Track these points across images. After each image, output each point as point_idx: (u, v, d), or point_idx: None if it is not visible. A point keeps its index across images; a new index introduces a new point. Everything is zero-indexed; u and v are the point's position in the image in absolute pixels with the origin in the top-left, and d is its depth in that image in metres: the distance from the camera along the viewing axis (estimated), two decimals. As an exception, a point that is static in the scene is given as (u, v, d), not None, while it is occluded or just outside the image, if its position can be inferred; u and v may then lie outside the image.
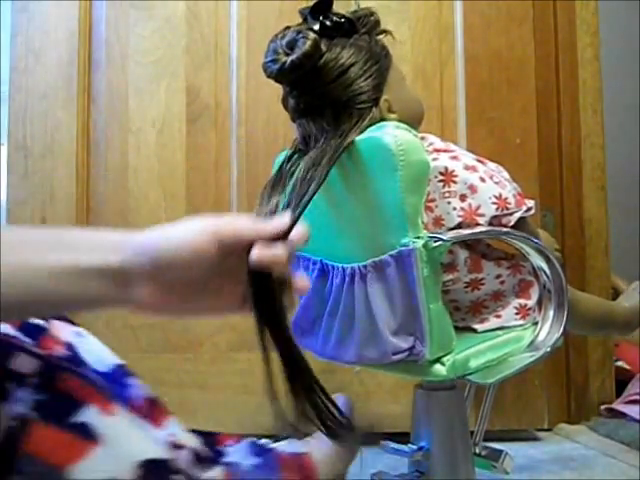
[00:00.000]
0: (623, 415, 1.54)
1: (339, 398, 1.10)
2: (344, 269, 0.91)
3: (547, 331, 0.93)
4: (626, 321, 1.19)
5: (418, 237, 0.82)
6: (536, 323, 0.95)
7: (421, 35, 1.56)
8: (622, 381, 1.63)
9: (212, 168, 1.53)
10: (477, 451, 1.06)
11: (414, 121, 0.94)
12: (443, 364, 0.86)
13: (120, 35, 1.56)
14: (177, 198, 1.53)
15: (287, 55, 0.85)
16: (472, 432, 1.06)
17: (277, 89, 0.95)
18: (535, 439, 1.51)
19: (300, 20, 0.91)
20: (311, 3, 0.90)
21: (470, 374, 0.90)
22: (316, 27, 0.87)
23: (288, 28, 0.88)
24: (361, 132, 0.85)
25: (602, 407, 1.59)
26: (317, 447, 1.00)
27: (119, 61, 1.56)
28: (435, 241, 0.82)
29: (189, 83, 1.55)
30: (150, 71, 1.55)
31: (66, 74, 1.54)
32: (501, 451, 1.05)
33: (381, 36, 0.95)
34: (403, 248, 0.82)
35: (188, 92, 1.55)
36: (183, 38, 1.56)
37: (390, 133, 0.81)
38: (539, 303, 0.96)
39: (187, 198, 1.52)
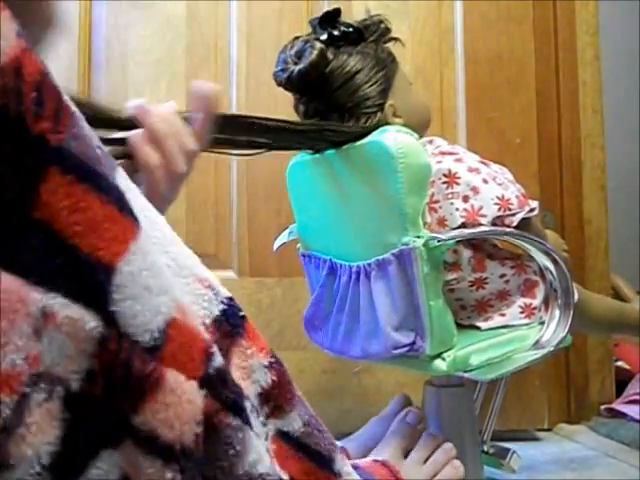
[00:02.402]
0: (623, 415, 1.54)
1: (399, 399, 1.05)
2: (351, 267, 0.94)
3: (553, 330, 0.94)
4: (637, 323, 1.20)
5: (419, 236, 0.85)
6: (543, 322, 0.96)
7: (421, 35, 1.56)
8: (622, 381, 1.64)
9: (212, 168, 1.53)
10: (485, 449, 1.08)
11: (420, 126, 0.97)
12: (444, 359, 0.89)
13: (120, 35, 1.55)
14: (177, 198, 1.53)
15: (295, 64, 0.89)
16: (480, 430, 1.07)
17: (277, 90, 0.96)
18: (535, 439, 1.51)
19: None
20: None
21: (471, 370, 0.91)
22: (324, 37, 0.91)
23: (297, 38, 0.92)
24: (365, 135, 0.88)
25: (602, 407, 1.59)
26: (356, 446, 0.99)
27: (119, 61, 1.55)
28: (438, 241, 0.85)
29: (189, 83, 1.55)
30: (150, 71, 1.55)
31: (66, 75, 1.54)
32: (508, 449, 1.07)
33: (390, 43, 0.98)
34: (404, 247, 0.85)
35: (188, 92, 1.55)
36: (183, 38, 1.56)
37: (391, 137, 0.85)
38: (546, 302, 0.97)
39: (187, 198, 1.52)
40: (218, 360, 0.33)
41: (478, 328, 0.98)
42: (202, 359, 0.32)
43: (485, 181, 0.91)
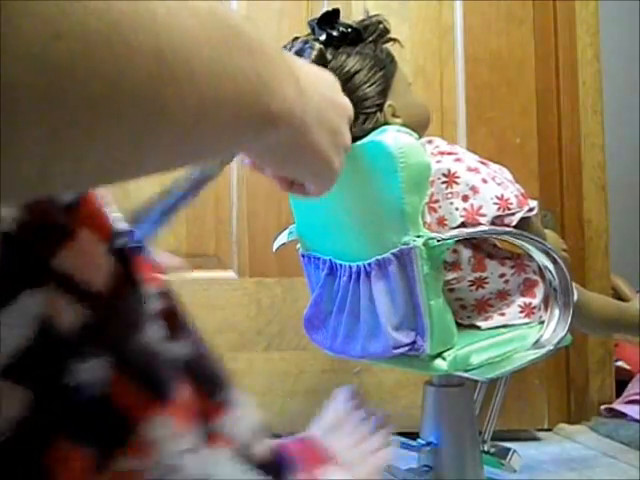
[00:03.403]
0: (623, 415, 1.54)
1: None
2: (351, 267, 0.94)
3: (553, 329, 0.94)
4: (637, 323, 1.20)
5: (418, 236, 0.85)
6: (542, 322, 0.97)
7: (421, 35, 1.56)
8: (622, 381, 1.64)
9: (212, 168, 1.53)
10: (485, 449, 1.08)
11: (420, 126, 0.97)
12: (444, 359, 0.89)
13: (120, 35, 1.55)
14: (177, 198, 1.53)
15: None
16: (480, 430, 1.08)
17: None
18: (535, 439, 1.51)
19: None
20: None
21: (472, 370, 0.91)
22: (322, 37, 0.91)
23: (296, 39, 0.91)
24: (364, 135, 0.89)
25: (602, 407, 1.59)
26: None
27: (119, 61, 1.55)
28: (438, 240, 0.85)
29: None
30: (150, 71, 1.55)
31: (66, 74, 1.54)
32: (509, 449, 1.08)
33: (389, 44, 0.98)
34: (404, 246, 0.86)
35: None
36: (183, 38, 1.56)
37: (391, 137, 0.85)
38: (545, 302, 0.97)
39: (187, 198, 1.52)
40: (122, 244, 0.39)
41: (478, 328, 0.98)
42: (110, 234, 0.39)
43: (484, 181, 0.92)
